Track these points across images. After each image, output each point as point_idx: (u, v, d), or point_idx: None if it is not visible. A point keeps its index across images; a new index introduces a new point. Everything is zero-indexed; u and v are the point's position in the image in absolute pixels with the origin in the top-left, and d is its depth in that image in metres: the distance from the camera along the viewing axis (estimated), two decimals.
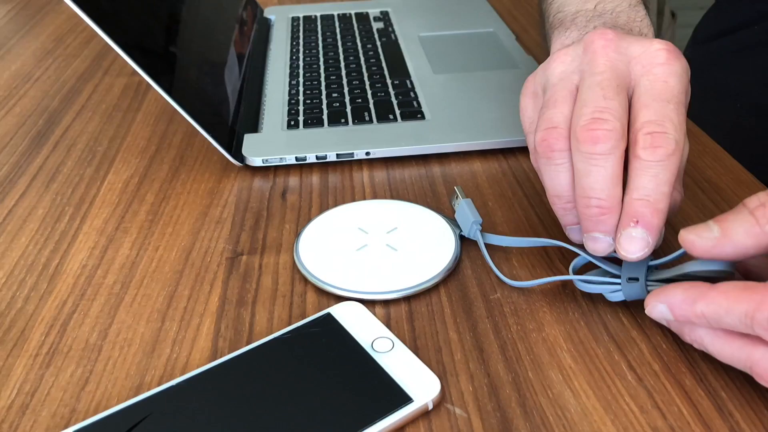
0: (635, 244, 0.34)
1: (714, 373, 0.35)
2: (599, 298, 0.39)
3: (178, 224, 0.47)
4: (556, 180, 0.37)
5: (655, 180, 0.34)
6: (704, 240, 0.32)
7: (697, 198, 0.48)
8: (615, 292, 0.37)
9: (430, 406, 0.33)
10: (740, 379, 0.34)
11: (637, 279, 0.36)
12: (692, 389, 0.34)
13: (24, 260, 0.44)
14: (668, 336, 0.37)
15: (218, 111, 0.55)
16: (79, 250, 0.45)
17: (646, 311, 0.35)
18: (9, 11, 0.90)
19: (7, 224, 0.48)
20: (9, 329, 0.39)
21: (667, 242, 0.41)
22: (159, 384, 0.35)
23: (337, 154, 0.53)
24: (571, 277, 0.38)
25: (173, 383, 0.34)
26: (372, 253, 0.42)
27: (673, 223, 0.45)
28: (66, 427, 0.32)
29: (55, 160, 0.55)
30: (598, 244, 0.36)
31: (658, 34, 1.80)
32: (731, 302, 0.30)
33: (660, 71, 0.36)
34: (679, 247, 0.34)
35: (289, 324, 0.38)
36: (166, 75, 0.49)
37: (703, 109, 0.60)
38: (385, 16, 0.80)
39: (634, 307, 0.38)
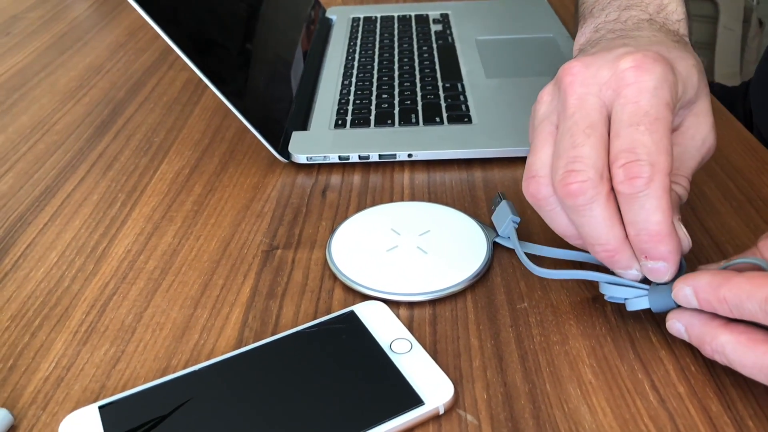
0: (656, 273, 0.35)
1: (744, 400, 0.33)
2: (629, 315, 0.38)
3: (221, 216, 0.49)
4: (556, 223, 0.37)
5: (644, 211, 0.33)
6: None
7: (749, 217, 0.46)
8: (640, 298, 0.36)
9: (441, 411, 0.33)
10: None
11: (665, 283, 0.35)
12: (718, 415, 0.32)
13: (75, 242, 0.47)
14: (698, 358, 0.35)
15: (269, 108, 0.56)
16: (126, 235, 0.47)
17: (672, 295, 0.34)
18: (89, 7, 0.95)
19: (64, 207, 0.51)
20: (55, 306, 0.41)
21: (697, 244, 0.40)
22: (184, 368, 0.36)
23: (379, 155, 0.53)
24: (597, 276, 0.37)
25: (195, 368, 0.35)
26: (402, 254, 0.43)
27: (717, 237, 0.43)
28: (95, 401, 0.34)
29: (114, 149, 0.58)
30: (627, 275, 0.36)
31: (744, 43, 1.72)
32: (754, 287, 0.30)
33: (629, 92, 0.34)
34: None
35: (314, 319, 0.39)
36: (220, 71, 0.51)
37: None
38: (444, 19, 0.80)
39: (665, 327, 0.37)
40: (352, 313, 0.38)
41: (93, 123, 0.63)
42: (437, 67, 0.67)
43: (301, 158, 0.54)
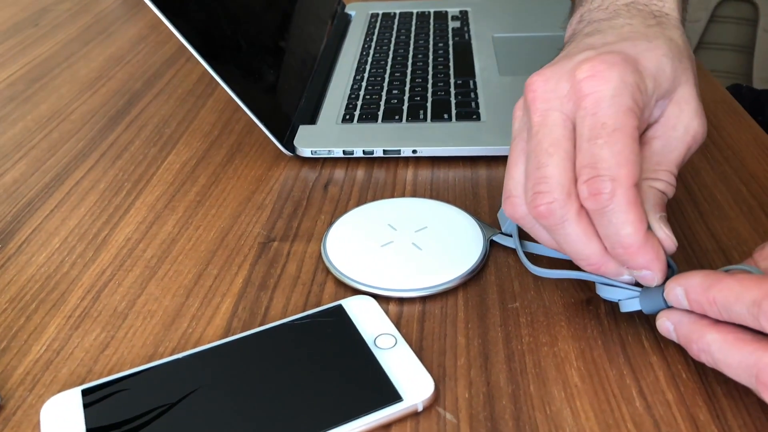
0: (643, 280, 0.34)
1: (734, 410, 0.32)
2: (623, 318, 0.37)
3: (222, 207, 0.49)
4: (539, 239, 0.37)
5: (613, 225, 0.32)
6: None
7: (759, 223, 0.44)
8: (631, 299, 0.35)
9: (420, 408, 0.33)
10: (762, 420, 0.31)
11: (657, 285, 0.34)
12: (705, 424, 0.31)
13: (78, 229, 0.47)
14: (690, 365, 0.34)
15: (277, 102, 0.56)
16: (128, 223, 0.48)
17: (664, 295, 0.33)
18: None
19: (71, 194, 0.51)
20: (52, 290, 0.42)
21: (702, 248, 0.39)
22: (170, 355, 0.36)
23: (384, 150, 0.53)
24: (592, 276, 0.37)
25: (178, 356, 0.35)
26: (396, 250, 0.42)
27: (723, 242, 0.42)
28: (81, 384, 0.35)
29: (125, 139, 0.59)
30: (621, 279, 0.35)
31: None
32: (743, 289, 0.29)
33: (587, 104, 0.33)
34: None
35: (303, 311, 0.39)
36: (227, 64, 0.51)
37: None
38: (463, 15, 0.79)
39: (659, 332, 0.36)
40: (339, 306, 0.38)
41: (108, 113, 0.64)
42: (451, 63, 0.67)
43: (305, 152, 0.54)
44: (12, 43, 0.83)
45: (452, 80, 0.63)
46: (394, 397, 0.32)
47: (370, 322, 0.37)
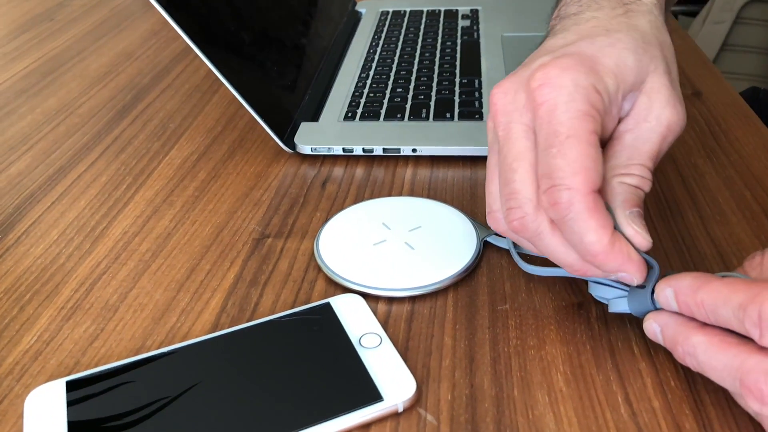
0: (624, 280, 0.33)
1: (721, 419, 0.31)
2: (614, 323, 0.37)
3: (219, 202, 0.49)
4: (528, 247, 0.37)
5: (576, 234, 0.32)
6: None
7: (762, 229, 0.43)
8: (620, 299, 0.35)
9: (401, 409, 0.32)
10: (749, 430, 0.31)
11: (644, 286, 0.33)
12: None
13: (77, 221, 0.48)
14: (680, 372, 0.34)
15: (279, 98, 0.56)
16: (126, 217, 0.48)
17: (654, 295, 0.33)
18: None
19: (73, 188, 0.52)
20: (46, 282, 0.42)
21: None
22: (157, 348, 0.36)
23: (383, 149, 0.53)
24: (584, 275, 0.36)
25: (163, 350, 0.35)
26: (388, 249, 0.42)
27: (723, 248, 0.41)
28: (68, 375, 0.35)
29: (129, 133, 0.60)
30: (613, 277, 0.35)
31: None
32: (731, 292, 0.29)
33: (541, 113, 0.32)
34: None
35: (292, 308, 0.39)
36: (228, 59, 0.52)
37: None
38: (473, 14, 0.78)
39: (650, 339, 0.35)
40: (327, 304, 0.38)
41: (114, 107, 0.65)
42: (457, 62, 0.66)
43: (305, 149, 0.54)
44: (28, 36, 0.84)
45: (458, 79, 0.63)
46: (374, 396, 0.32)
47: (357, 321, 0.37)
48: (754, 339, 0.28)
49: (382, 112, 0.58)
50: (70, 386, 0.34)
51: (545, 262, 0.40)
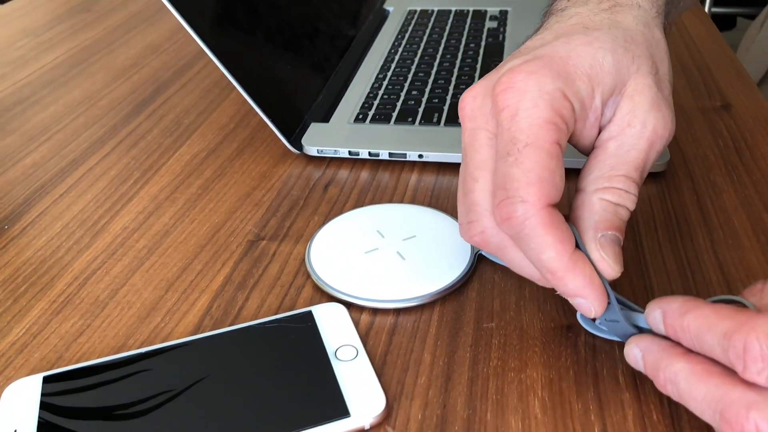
0: (581, 309, 0.32)
1: None
2: (602, 349, 0.35)
3: (220, 202, 0.49)
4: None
5: (533, 251, 0.30)
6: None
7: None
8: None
9: (367, 426, 0.32)
10: None
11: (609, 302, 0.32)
12: None
13: (81, 215, 0.49)
14: (664, 405, 0.32)
15: (289, 98, 0.56)
16: (128, 212, 0.49)
17: (644, 314, 0.31)
18: None
19: (82, 180, 0.53)
20: (43, 275, 0.43)
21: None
22: (138, 348, 0.37)
23: (389, 153, 0.52)
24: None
25: (140, 351, 0.36)
26: (379, 258, 0.41)
27: (731, 274, 0.39)
28: (48, 370, 0.35)
29: (145, 127, 0.60)
30: None
31: None
32: (717, 318, 0.27)
33: (502, 119, 0.31)
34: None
35: (275, 314, 0.38)
36: (237, 57, 0.51)
37: None
38: (502, 16, 0.77)
39: (637, 370, 0.34)
40: (309, 313, 0.38)
41: (134, 101, 0.65)
42: (478, 66, 0.65)
43: (312, 150, 0.53)
44: (62, 27, 0.86)
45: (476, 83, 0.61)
46: (342, 411, 0.32)
47: (336, 332, 0.36)
48: (737, 371, 0.26)
49: (394, 114, 0.57)
50: (47, 381, 0.34)
51: None
